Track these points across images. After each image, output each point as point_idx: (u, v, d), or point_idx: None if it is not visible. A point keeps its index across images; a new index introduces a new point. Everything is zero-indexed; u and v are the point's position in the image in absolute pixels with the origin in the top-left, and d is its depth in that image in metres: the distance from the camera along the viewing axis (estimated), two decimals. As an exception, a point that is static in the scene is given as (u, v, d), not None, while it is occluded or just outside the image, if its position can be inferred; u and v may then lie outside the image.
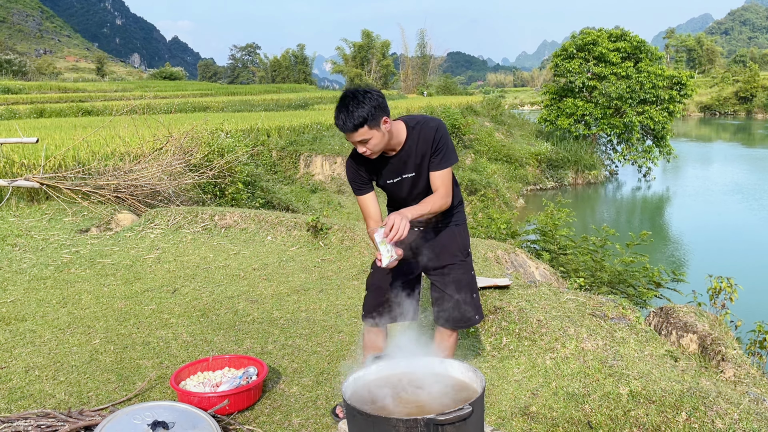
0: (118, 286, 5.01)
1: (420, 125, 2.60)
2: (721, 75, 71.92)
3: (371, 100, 2.45)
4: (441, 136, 2.57)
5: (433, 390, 2.33)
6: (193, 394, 2.97)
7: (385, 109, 2.49)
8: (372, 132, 2.47)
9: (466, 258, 2.82)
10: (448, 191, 2.61)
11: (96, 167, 8.44)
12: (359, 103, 2.44)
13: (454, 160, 2.61)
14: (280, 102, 30.61)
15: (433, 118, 2.67)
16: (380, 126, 2.48)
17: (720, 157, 33.17)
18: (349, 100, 2.45)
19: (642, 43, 26.67)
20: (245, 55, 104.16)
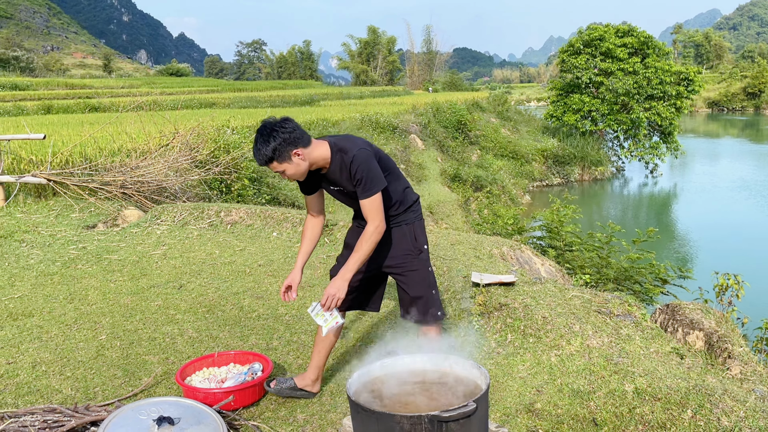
0: (124, 282, 5.04)
1: (340, 153, 2.68)
2: (729, 71, 71.46)
3: (278, 137, 2.57)
4: (357, 168, 2.61)
5: (437, 386, 2.33)
6: (198, 389, 2.98)
7: (294, 143, 2.59)
8: (283, 165, 2.62)
9: (419, 255, 2.87)
10: (376, 218, 2.66)
11: (103, 163, 8.47)
12: (266, 142, 2.58)
13: (377, 188, 2.64)
14: (286, 98, 30.62)
15: (354, 143, 2.70)
16: (291, 159, 2.61)
17: (728, 153, 32.98)
18: (258, 137, 2.60)
19: (649, 38, 26.51)
20: (251, 52, 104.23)
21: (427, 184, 15.97)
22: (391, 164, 2.85)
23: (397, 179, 2.84)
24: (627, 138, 26.99)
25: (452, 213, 14.35)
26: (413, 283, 2.87)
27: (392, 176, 2.81)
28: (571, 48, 27.66)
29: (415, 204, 2.91)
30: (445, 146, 19.92)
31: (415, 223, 2.88)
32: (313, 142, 2.67)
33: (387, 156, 2.87)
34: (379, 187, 2.65)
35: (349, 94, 38.68)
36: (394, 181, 2.82)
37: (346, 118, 17.15)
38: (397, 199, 2.83)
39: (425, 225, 3.01)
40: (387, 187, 2.74)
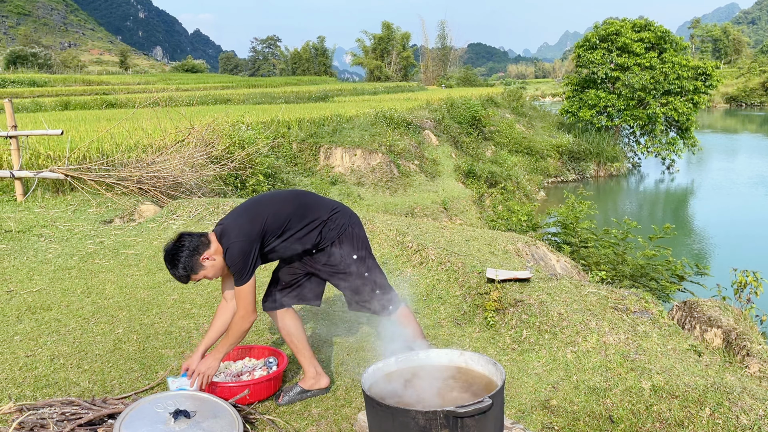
0: (141, 276, 5.08)
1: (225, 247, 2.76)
2: (747, 65, 70.37)
3: (181, 255, 2.70)
4: (230, 262, 2.73)
5: (452, 382, 2.33)
6: (214, 383, 3.00)
7: (198, 250, 2.71)
8: (200, 273, 2.76)
9: (350, 267, 2.92)
10: (245, 306, 2.80)
11: (119, 159, 8.55)
12: (174, 266, 2.73)
13: (245, 279, 2.75)
14: (300, 94, 30.67)
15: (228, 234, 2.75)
16: (203, 265, 2.74)
17: (746, 149, 32.53)
18: (168, 265, 2.76)
19: (666, 33, 26.18)
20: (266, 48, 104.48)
21: (441, 179, 15.93)
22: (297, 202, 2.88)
23: (303, 216, 2.86)
24: (643, 134, 26.69)
25: (466, 209, 14.31)
26: (353, 291, 2.98)
27: (298, 215, 2.84)
28: (587, 43, 27.39)
29: (329, 221, 2.90)
30: (459, 142, 19.84)
31: (339, 239, 2.91)
32: (210, 238, 2.77)
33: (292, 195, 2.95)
34: (248, 277, 2.75)
35: (363, 89, 38.66)
36: (301, 217, 2.85)
37: (360, 114, 17.14)
38: (310, 230, 2.87)
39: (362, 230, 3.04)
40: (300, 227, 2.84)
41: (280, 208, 2.85)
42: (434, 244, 5.14)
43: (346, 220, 2.94)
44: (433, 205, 13.38)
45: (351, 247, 2.91)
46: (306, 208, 2.89)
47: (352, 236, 2.93)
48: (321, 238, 2.88)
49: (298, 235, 2.85)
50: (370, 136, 15.09)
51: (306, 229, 2.86)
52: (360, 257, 2.93)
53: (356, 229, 2.96)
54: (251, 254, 2.73)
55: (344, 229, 2.92)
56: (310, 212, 2.88)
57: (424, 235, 5.47)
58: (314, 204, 2.92)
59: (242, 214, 2.83)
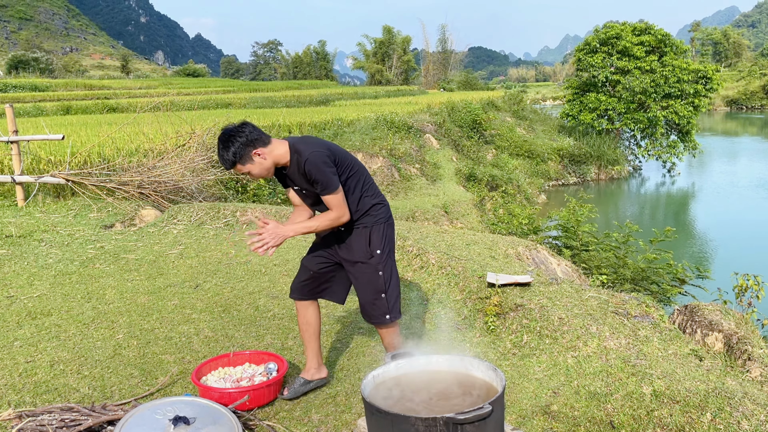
0: (141, 282, 5.08)
1: (296, 154, 2.80)
2: (748, 68, 70.35)
3: (236, 141, 2.72)
4: (310, 170, 2.75)
5: (452, 388, 2.32)
6: (213, 389, 2.99)
7: (253, 144, 2.74)
8: (247, 167, 2.77)
9: (370, 260, 2.96)
10: (339, 210, 2.81)
11: (120, 163, 8.56)
12: (226, 148, 2.73)
13: (334, 185, 2.77)
14: (301, 98, 30.71)
15: (309, 145, 2.81)
16: (252, 159, 2.76)
17: (746, 151, 32.51)
18: (220, 144, 2.75)
19: (667, 36, 26.19)
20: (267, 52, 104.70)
21: (442, 183, 15.92)
22: (356, 166, 2.95)
23: (358, 181, 2.93)
24: (644, 137, 26.68)
25: (467, 212, 14.29)
26: (361, 286, 3.02)
27: (354, 178, 2.91)
28: (587, 46, 27.41)
29: (374, 208, 2.97)
30: (460, 145, 19.84)
31: (372, 227, 2.96)
32: (273, 141, 2.82)
33: (351, 158, 2.97)
34: (333, 187, 2.77)
35: (364, 93, 38.71)
36: (356, 182, 2.92)
37: (361, 118, 17.16)
38: (366, 197, 2.94)
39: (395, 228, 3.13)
40: (361, 185, 2.92)
41: (353, 159, 2.96)
42: (435, 248, 5.14)
43: (386, 215, 3.03)
44: (434, 209, 13.36)
45: (379, 241, 2.97)
46: (371, 180, 3.01)
47: (383, 232, 2.99)
48: (364, 213, 2.94)
49: (357, 193, 2.92)
50: (371, 140, 15.09)
51: (364, 193, 2.94)
52: (382, 254, 2.98)
53: (389, 229, 3.04)
54: (331, 166, 2.77)
55: (381, 221, 3.00)
56: (372, 185, 3.00)
57: (424, 239, 5.47)
58: (374, 184, 3.05)
59: (319, 138, 2.91)
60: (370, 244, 2.95)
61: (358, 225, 2.95)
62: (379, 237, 2.97)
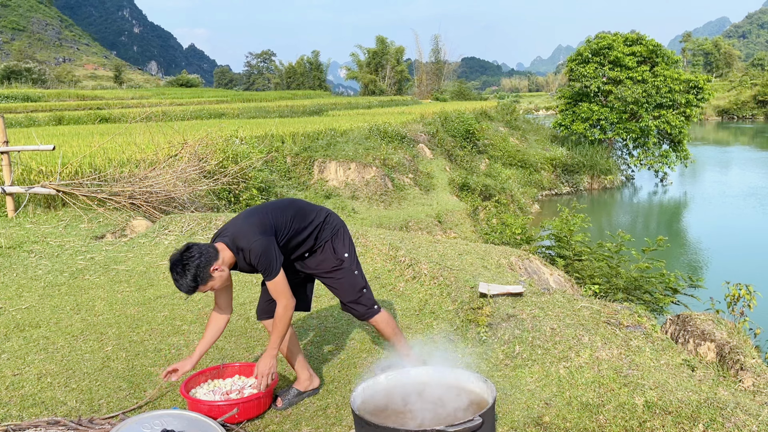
0: (131, 293, 5.04)
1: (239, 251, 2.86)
2: (738, 78, 71.02)
3: (192, 264, 2.72)
4: (257, 259, 2.83)
5: (443, 400, 2.30)
6: (202, 402, 2.96)
7: (210, 261, 2.76)
8: (209, 285, 2.80)
9: (342, 265, 3.11)
10: (283, 297, 2.92)
11: (112, 174, 8.52)
12: (183, 275, 2.73)
13: (276, 271, 2.87)
14: (294, 108, 30.74)
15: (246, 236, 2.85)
16: (212, 276, 2.79)
17: (738, 161, 32.74)
18: (174, 275, 2.76)
19: (658, 47, 26.42)
20: (261, 62, 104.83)
21: (436, 193, 15.94)
22: (290, 211, 3.02)
23: (303, 220, 3.04)
24: (636, 146, 26.84)
25: (461, 222, 14.31)
26: (343, 289, 3.14)
27: (297, 222, 3.00)
28: (579, 57, 27.61)
29: (325, 222, 3.12)
30: (453, 155, 19.89)
31: (332, 239, 3.12)
32: (218, 247, 2.85)
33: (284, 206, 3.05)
34: (277, 270, 2.86)
35: (357, 103, 38.79)
36: (302, 223, 3.03)
37: (354, 128, 17.18)
38: (309, 233, 3.05)
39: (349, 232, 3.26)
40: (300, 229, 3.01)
41: (281, 212, 3.02)
42: (427, 258, 5.12)
43: (338, 222, 3.19)
44: (428, 219, 13.37)
45: (343, 246, 3.14)
46: (304, 212, 3.09)
47: (343, 236, 3.16)
48: (318, 238, 3.08)
49: (302, 236, 3.02)
50: (364, 150, 15.10)
51: (307, 230, 3.04)
52: (350, 255, 3.16)
53: (346, 231, 3.22)
54: (273, 249, 2.85)
55: (337, 229, 3.16)
56: (308, 215, 3.08)
57: (417, 249, 5.45)
58: (310, 208, 3.14)
59: (248, 218, 2.96)
60: (336, 252, 3.11)
61: (320, 244, 3.09)
62: (341, 242, 3.14)
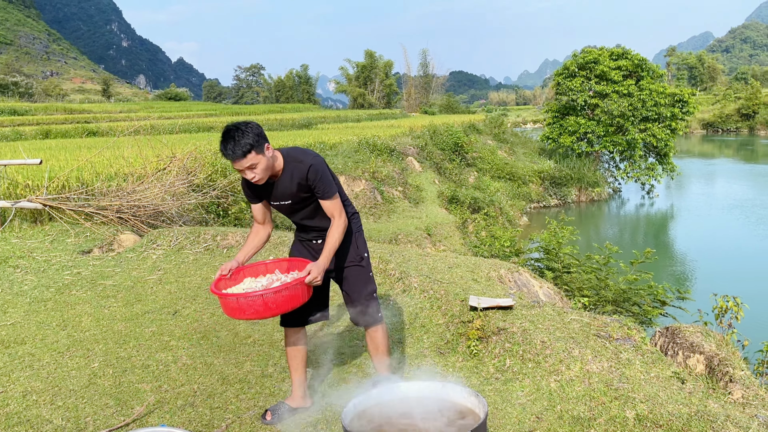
0: (118, 308, 4.98)
1: (294, 162, 2.86)
2: (722, 92, 72.03)
3: (253, 130, 2.73)
4: (315, 175, 2.84)
5: (434, 415, 2.29)
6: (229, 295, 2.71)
7: (266, 138, 2.79)
8: (258, 157, 2.74)
9: (361, 262, 3.11)
10: (341, 214, 2.93)
11: (99, 188, 8.45)
12: (244, 133, 2.71)
13: (334, 189, 2.91)
14: (283, 122, 30.76)
15: (307, 154, 2.89)
16: (264, 152, 2.76)
17: (722, 173, 33.13)
18: (234, 132, 2.72)
19: (643, 61, 26.76)
20: (249, 76, 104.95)
21: (425, 205, 15.97)
22: (336, 179, 3.07)
23: (340, 192, 3.05)
24: (623, 159, 27.09)
25: (450, 235, 14.32)
26: (356, 289, 3.10)
27: (338, 188, 3.02)
28: (566, 71, 27.90)
29: (354, 216, 3.13)
30: (442, 168, 19.97)
31: (356, 233, 3.13)
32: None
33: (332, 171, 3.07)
34: (334, 191, 2.90)
35: (346, 117, 38.90)
36: (343, 194, 3.06)
37: (344, 141, 17.21)
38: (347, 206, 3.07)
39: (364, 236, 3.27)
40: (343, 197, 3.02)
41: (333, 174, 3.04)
42: (417, 271, 5.12)
43: (360, 225, 3.23)
44: (417, 232, 13.37)
45: (364, 245, 3.16)
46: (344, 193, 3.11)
47: (363, 238, 3.19)
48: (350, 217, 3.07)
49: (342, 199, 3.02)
50: (353, 163, 15.12)
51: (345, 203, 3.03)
52: (368, 257, 3.17)
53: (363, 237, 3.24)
54: (331, 172, 2.92)
55: (360, 227, 3.20)
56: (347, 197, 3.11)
57: (407, 263, 5.45)
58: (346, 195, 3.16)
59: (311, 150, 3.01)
60: (358, 248, 3.11)
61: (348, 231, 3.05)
62: (363, 242, 3.15)
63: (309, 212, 2.99)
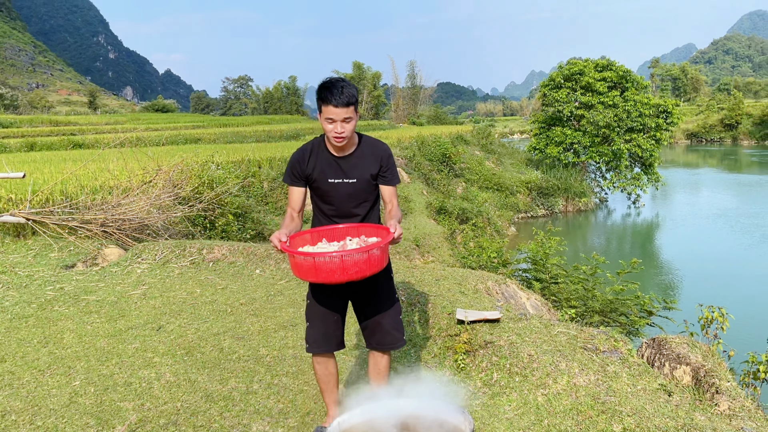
0: (101, 324, 4.91)
1: (372, 141, 2.86)
2: (706, 103, 72.99)
3: (355, 87, 2.72)
4: (387, 161, 2.83)
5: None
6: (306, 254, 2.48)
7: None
8: (355, 114, 2.69)
9: (389, 281, 2.94)
10: (398, 203, 2.91)
11: (83, 201, 8.36)
12: (349, 85, 2.67)
13: (399, 180, 2.92)
14: (272, 133, 30.71)
15: (378, 141, 2.91)
16: (357, 112, 2.72)
17: (707, 183, 33.48)
18: (340, 81, 2.67)
19: (628, 72, 27.08)
20: (238, 87, 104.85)
21: (413, 216, 15.96)
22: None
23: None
24: (609, 169, 27.32)
25: (438, 245, 14.31)
26: (386, 306, 2.88)
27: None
28: (552, 82, 28.16)
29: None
30: (430, 179, 20.00)
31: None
32: None
33: None
34: (399, 180, 2.92)
35: (334, 128, 38.82)
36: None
37: (331, 153, 17.16)
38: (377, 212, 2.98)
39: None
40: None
41: None
42: (404, 284, 5.09)
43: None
44: (406, 242, 13.35)
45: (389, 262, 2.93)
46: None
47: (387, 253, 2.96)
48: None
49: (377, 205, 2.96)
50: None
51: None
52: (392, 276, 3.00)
53: None
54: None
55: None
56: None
57: (394, 275, 5.42)
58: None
59: None
60: (389, 262, 2.89)
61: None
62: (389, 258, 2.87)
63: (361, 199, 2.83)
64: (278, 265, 6.30)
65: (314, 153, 2.82)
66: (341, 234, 2.80)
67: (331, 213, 2.88)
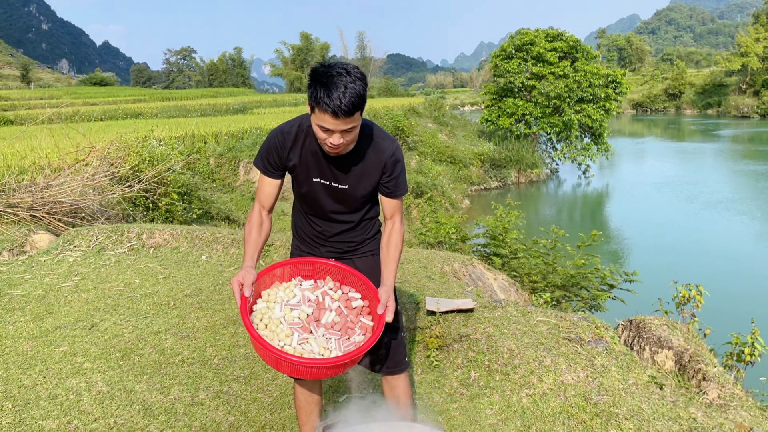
0: (25, 323, 4.34)
1: (375, 139, 2.14)
2: (650, 73, 74.60)
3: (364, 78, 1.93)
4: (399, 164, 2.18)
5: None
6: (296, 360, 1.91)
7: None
8: (360, 118, 1.98)
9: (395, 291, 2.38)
10: (402, 219, 2.27)
11: (9, 183, 7.60)
12: (356, 79, 1.89)
13: (407, 189, 2.24)
14: (217, 107, 29.56)
15: (386, 133, 2.20)
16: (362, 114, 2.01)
17: (652, 151, 34.22)
18: (344, 77, 1.87)
19: (578, 42, 27.09)
20: (180, 59, 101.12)
21: (367, 192, 15.57)
22: None
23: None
24: (560, 140, 27.46)
25: (393, 221, 13.99)
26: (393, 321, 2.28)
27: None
28: (503, 53, 27.95)
29: (379, 233, 2.42)
30: (383, 153, 19.60)
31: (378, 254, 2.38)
32: None
33: None
34: (407, 190, 2.24)
35: (283, 101, 37.90)
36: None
37: (281, 127, 16.52)
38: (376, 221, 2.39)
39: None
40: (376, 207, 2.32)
41: None
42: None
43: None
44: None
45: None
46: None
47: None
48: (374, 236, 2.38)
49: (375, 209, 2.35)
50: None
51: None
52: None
53: None
54: None
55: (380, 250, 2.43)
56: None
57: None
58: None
59: None
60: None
61: (369, 252, 2.36)
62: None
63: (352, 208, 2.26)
64: (226, 251, 5.80)
65: (299, 141, 2.14)
66: (322, 272, 2.24)
67: (312, 214, 2.32)
